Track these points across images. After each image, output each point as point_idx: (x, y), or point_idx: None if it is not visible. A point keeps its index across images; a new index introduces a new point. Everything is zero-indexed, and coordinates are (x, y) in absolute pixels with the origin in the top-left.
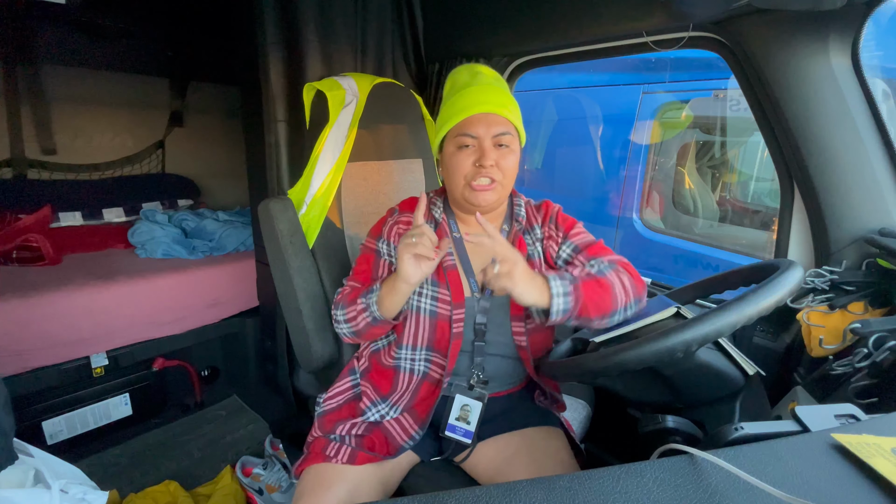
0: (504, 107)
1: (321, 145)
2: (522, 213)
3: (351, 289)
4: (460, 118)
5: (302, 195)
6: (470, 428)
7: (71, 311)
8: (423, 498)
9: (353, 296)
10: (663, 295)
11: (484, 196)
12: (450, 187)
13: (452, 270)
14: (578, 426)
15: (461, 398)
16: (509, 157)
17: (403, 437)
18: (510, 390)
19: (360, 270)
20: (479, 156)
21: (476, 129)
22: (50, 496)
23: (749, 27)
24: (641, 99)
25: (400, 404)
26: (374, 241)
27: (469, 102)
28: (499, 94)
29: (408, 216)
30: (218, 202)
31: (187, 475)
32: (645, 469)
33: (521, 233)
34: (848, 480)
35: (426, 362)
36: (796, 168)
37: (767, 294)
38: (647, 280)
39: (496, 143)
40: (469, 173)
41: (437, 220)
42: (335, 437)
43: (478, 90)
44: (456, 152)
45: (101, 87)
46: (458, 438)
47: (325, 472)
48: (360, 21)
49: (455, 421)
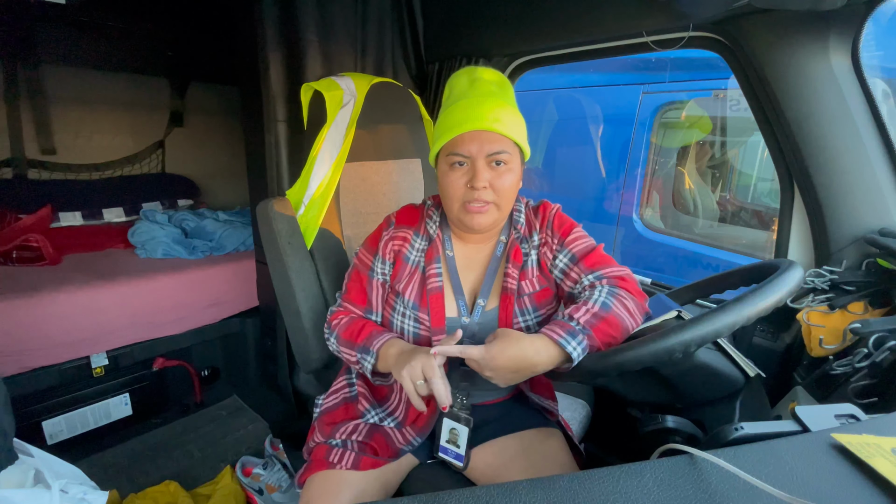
0: (500, 121)
1: (319, 146)
2: (522, 220)
3: (347, 316)
4: (451, 135)
5: (300, 196)
6: (460, 451)
7: (71, 311)
8: (423, 498)
9: (350, 331)
10: (663, 295)
11: (478, 220)
12: (444, 206)
13: (436, 294)
14: (578, 426)
15: (448, 422)
16: (506, 177)
17: (402, 442)
18: (500, 399)
19: (355, 289)
20: (471, 176)
21: (468, 149)
22: (50, 496)
23: (749, 27)
24: (641, 99)
25: (397, 416)
26: (369, 257)
27: (462, 118)
28: (496, 106)
29: (404, 231)
30: (218, 202)
31: (187, 475)
32: (645, 469)
33: (518, 241)
34: (848, 480)
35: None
36: (796, 168)
37: (767, 294)
38: (647, 280)
39: (491, 160)
40: (463, 195)
41: (431, 236)
42: (337, 443)
43: (473, 103)
44: (448, 171)
45: (101, 87)
46: (450, 461)
47: (330, 480)
48: (360, 21)
49: (445, 444)
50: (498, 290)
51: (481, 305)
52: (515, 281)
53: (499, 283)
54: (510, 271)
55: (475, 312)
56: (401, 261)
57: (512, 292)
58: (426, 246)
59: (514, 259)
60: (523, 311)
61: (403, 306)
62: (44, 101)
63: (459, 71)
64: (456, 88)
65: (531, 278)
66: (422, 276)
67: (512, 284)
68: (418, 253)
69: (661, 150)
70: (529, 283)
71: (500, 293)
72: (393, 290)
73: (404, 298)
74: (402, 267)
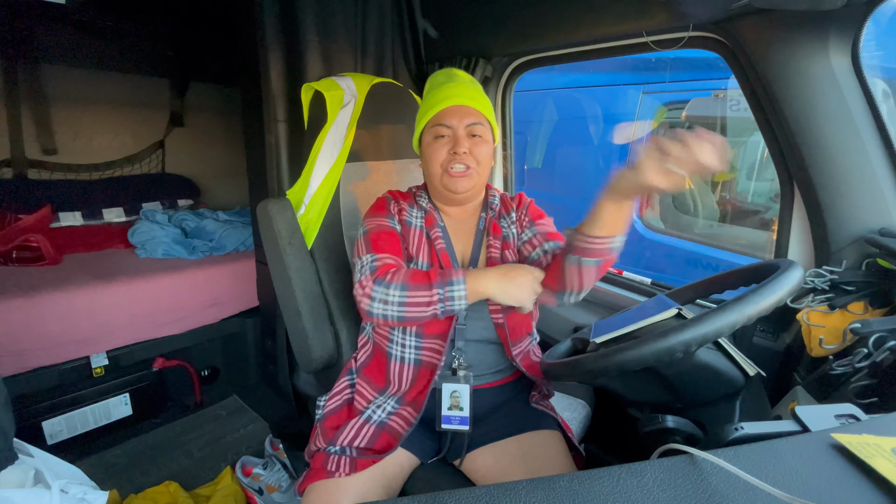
0: (476, 100)
1: (319, 146)
2: (497, 202)
3: (395, 265)
4: (436, 110)
5: (300, 195)
6: (464, 413)
7: (71, 311)
8: (424, 498)
9: (416, 275)
10: (663, 295)
11: (461, 182)
12: (428, 176)
13: (444, 253)
14: (578, 426)
15: (448, 386)
16: (482, 147)
17: (404, 427)
18: (497, 382)
19: (386, 245)
20: (453, 144)
21: (450, 120)
22: (50, 496)
23: (749, 27)
24: (641, 99)
25: (396, 395)
26: (384, 219)
27: (444, 96)
28: (472, 90)
29: (401, 203)
30: (218, 202)
31: (187, 475)
32: (645, 469)
33: (494, 219)
34: (848, 480)
35: (418, 350)
36: (796, 168)
37: (767, 294)
38: (647, 280)
39: (469, 132)
40: (445, 160)
41: (425, 208)
42: (335, 451)
43: (452, 86)
44: (432, 142)
45: (101, 87)
46: (456, 427)
47: (328, 489)
48: (360, 21)
49: (448, 411)
50: (484, 259)
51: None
52: (498, 251)
53: (484, 253)
54: (492, 242)
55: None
56: (404, 225)
57: (496, 260)
58: (423, 215)
59: (494, 232)
60: None
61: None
62: (44, 101)
63: (437, 71)
64: (436, 81)
65: (511, 248)
66: (428, 240)
67: (495, 253)
68: (419, 220)
69: None
70: (511, 252)
71: (486, 262)
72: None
73: (417, 260)
74: (407, 231)
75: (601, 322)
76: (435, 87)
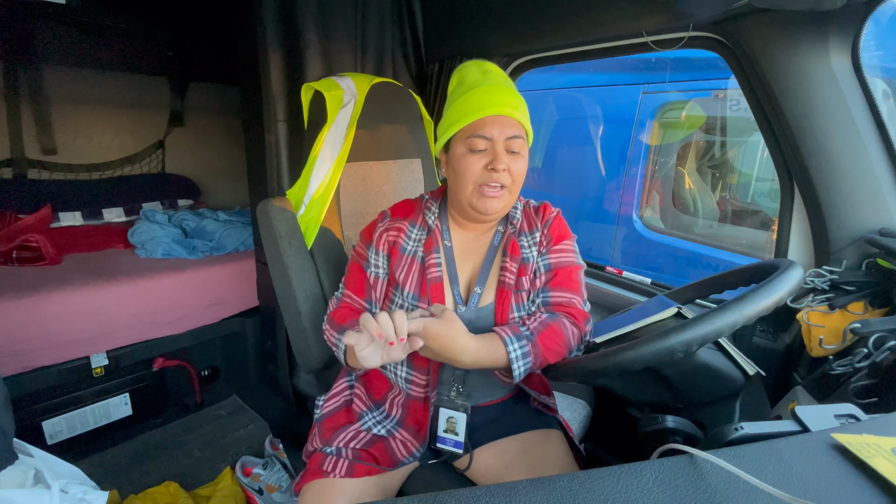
0: (517, 108)
1: (319, 146)
2: (518, 215)
3: (346, 305)
4: (473, 118)
5: (300, 196)
6: (459, 439)
7: (71, 311)
8: (424, 498)
9: (342, 315)
10: (663, 295)
11: (493, 203)
12: (455, 190)
13: (436, 284)
14: (578, 426)
15: (445, 411)
16: (520, 163)
17: (404, 454)
18: (498, 400)
19: (353, 280)
20: (491, 159)
21: (490, 131)
22: (50, 496)
23: (749, 27)
24: (641, 99)
25: (393, 417)
26: (364, 248)
27: (483, 102)
28: (511, 95)
29: (399, 223)
30: (218, 202)
31: (187, 475)
32: (645, 469)
33: (514, 235)
34: (848, 480)
35: (407, 382)
36: (796, 168)
37: (767, 294)
38: (647, 280)
39: (508, 147)
40: (479, 177)
41: (430, 226)
42: (332, 451)
43: (491, 90)
44: (467, 154)
45: (101, 87)
46: (450, 449)
47: (324, 489)
48: (360, 21)
49: (444, 433)
50: (494, 281)
51: (478, 293)
52: (514, 276)
53: (495, 273)
54: (507, 265)
55: (471, 300)
56: (397, 252)
57: (509, 287)
58: (424, 236)
59: (512, 253)
60: (519, 307)
61: (402, 298)
62: (44, 101)
63: (467, 63)
64: (468, 78)
65: (528, 275)
66: (421, 266)
67: (509, 279)
68: (415, 243)
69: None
70: (527, 279)
71: (496, 286)
72: (392, 282)
73: (403, 290)
74: (398, 258)
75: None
76: (468, 87)
